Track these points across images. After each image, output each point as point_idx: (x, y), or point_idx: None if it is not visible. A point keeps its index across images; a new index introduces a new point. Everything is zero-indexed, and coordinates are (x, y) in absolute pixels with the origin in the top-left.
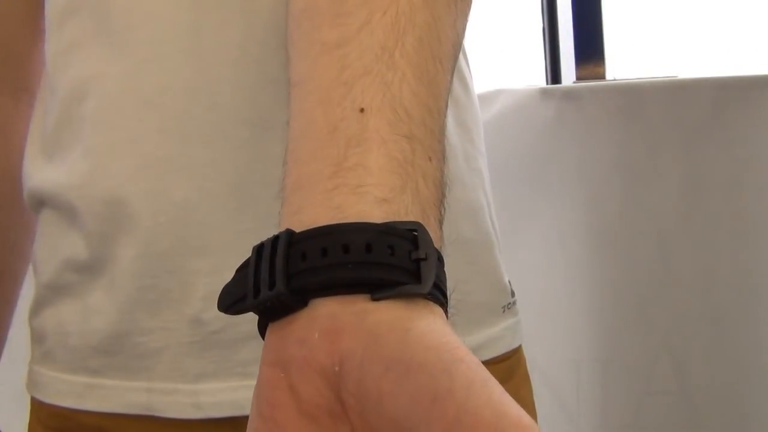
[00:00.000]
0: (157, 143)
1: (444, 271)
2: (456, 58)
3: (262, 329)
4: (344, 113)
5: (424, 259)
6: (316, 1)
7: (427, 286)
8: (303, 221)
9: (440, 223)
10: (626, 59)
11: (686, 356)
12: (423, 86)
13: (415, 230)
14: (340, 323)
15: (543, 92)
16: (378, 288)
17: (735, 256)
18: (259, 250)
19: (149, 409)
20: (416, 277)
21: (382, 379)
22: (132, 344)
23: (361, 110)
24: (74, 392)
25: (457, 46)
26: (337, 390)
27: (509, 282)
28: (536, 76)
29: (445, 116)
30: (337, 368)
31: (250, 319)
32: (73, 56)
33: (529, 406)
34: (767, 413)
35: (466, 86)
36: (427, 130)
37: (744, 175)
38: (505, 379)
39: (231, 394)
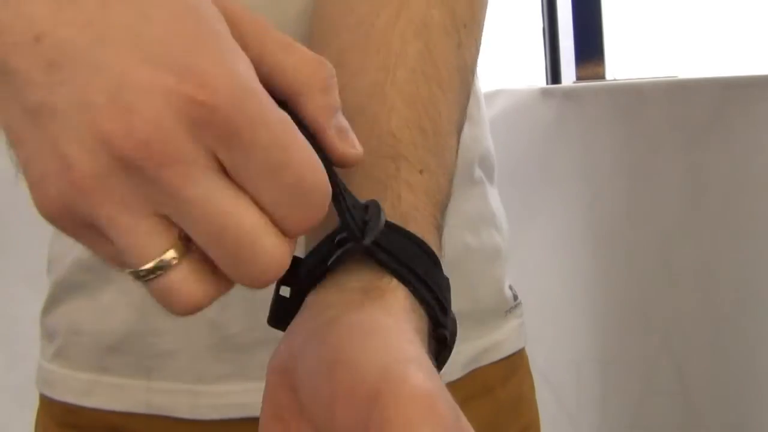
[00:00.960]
0: None
1: (416, 250)
2: (464, 80)
3: None
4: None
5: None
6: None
7: (369, 239)
8: None
9: (436, 227)
10: (626, 59)
11: (686, 356)
12: (415, 110)
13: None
14: (295, 327)
15: (543, 92)
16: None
17: (735, 256)
18: None
19: (165, 409)
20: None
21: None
22: (147, 344)
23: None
24: (87, 390)
25: (465, 69)
26: (294, 388)
27: (510, 287)
28: (536, 76)
29: (449, 132)
30: (290, 365)
31: (267, 324)
32: None
33: (531, 403)
34: (767, 413)
35: (477, 101)
36: (417, 148)
37: (744, 175)
38: (508, 376)
39: (248, 396)
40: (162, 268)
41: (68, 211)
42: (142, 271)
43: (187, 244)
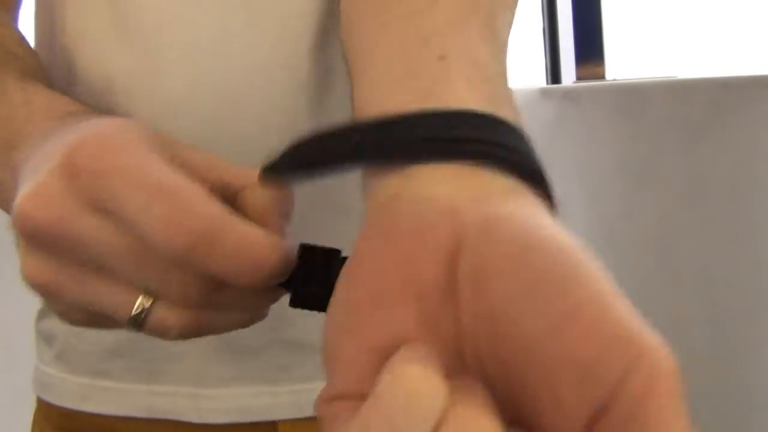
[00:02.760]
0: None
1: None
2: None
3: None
4: (424, 61)
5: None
6: None
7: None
8: None
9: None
10: (626, 59)
11: (686, 356)
12: (489, 44)
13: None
14: (457, 204)
15: (543, 92)
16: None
17: (735, 256)
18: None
19: (169, 413)
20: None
21: (498, 259)
22: (151, 347)
23: (441, 57)
24: (86, 395)
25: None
26: (453, 269)
27: None
28: (536, 76)
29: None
30: (454, 247)
31: (272, 327)
32: (88, 47)
33: None
34: (767, 413)
35: None
36: (501, 77)
37: (744, 175)
38: None
39: (251, 400)
40: (142, 312)
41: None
42: (130, 320)
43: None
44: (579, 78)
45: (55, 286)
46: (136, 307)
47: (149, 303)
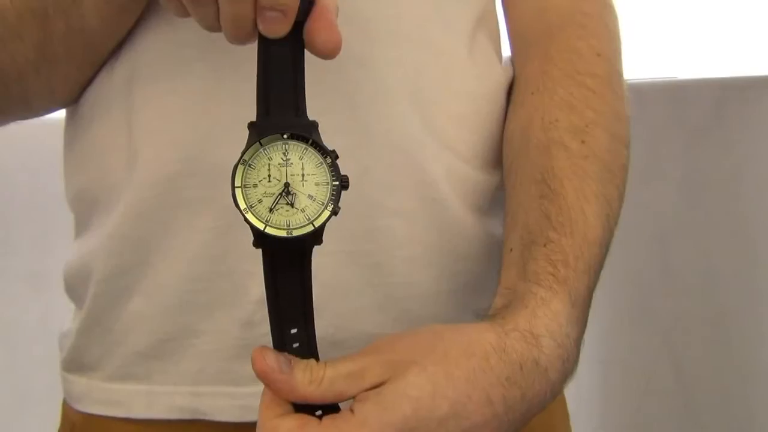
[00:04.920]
0: (210, 148)
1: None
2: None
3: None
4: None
5: None
6: None
7: None
8: None
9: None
10: (626, 59)
11: (686, 356)
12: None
13: None
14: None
15: None
16: None
17: (735, 256)
18: None
19: (198, 413)
20: None
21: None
22: (181, 347)
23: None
24: (119, 401)
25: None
26: None
27: None
28: None
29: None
30: None
31: None
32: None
33: (562, 407)
34: (767, 413)
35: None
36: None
37: (744, 175)
38: None
39: None
40: None
41: None
42: None
43: None
44: None
45: None
46: None
47: None
